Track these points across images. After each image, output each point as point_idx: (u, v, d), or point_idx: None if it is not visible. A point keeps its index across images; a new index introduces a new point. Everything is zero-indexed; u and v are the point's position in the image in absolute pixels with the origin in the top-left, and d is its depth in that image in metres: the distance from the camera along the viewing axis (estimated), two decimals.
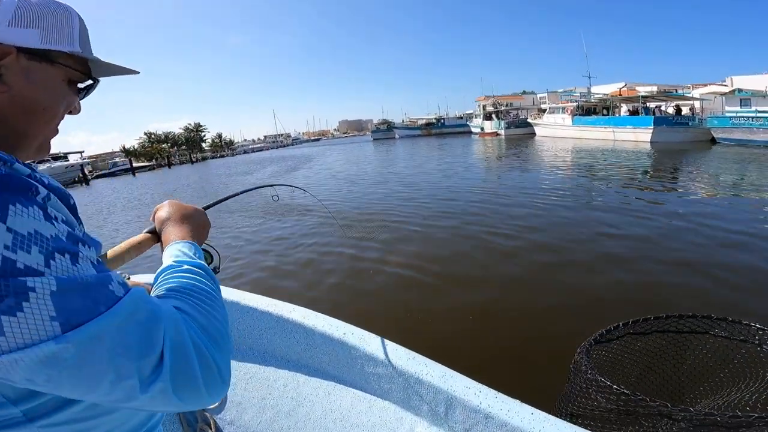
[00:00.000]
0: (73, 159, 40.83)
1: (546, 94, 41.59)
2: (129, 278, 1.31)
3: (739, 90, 19.59)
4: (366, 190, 11.70)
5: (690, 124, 19.86)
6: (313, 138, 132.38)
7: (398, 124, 67.42)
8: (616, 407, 1.29)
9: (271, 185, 1.58)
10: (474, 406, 1.19)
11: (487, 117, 43.19)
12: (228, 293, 1.76)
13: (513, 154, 20.07)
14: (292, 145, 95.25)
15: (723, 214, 6.18)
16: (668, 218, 6.03)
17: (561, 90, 37.25)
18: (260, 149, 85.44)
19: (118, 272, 0.84)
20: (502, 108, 43.94)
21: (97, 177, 42.83)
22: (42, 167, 35.22)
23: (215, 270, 0.82)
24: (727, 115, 18.20)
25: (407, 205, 8.59)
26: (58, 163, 36.96)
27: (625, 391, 1.26)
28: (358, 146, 47.56)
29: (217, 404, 1.56)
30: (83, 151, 45.39)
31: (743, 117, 16.97)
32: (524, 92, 50.39)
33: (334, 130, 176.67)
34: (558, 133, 29.71)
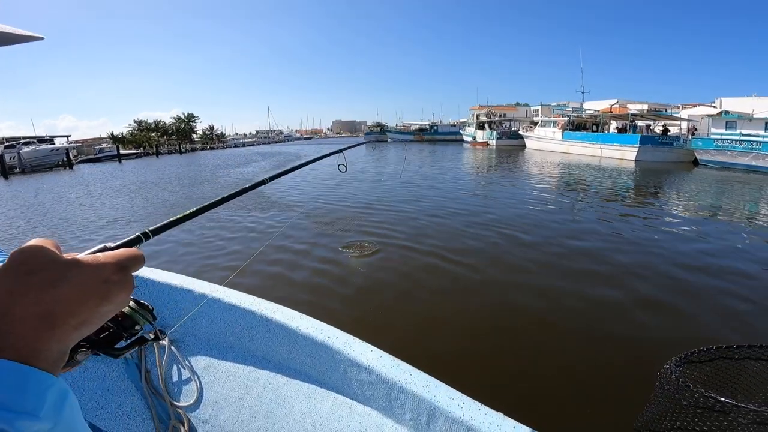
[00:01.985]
0: (59, 143, 40.05)
1: (539, 107, 42.18)
2: None
3: (726, 112, 20.05)
4: (359, 189, 11.72)
5: (675, 144, 20.35)
6: (305, 136, 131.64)
7: (391, 128, 67.66)
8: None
9: (341, 150, 1.43)
10: (456, 418, 1.17)
11: (480, 126, 43.62)
12: (210, 289, 1.71)
13: (503, 165, 20.28)
14: (284, 141, 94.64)
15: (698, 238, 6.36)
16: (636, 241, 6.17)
17: (554, 104, 37.82)
18: (251, 144, 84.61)
19: None
20: (496, 118, 44.40)
21: (82, 162, 42.00)
22: (26, 149, 34.45)
23: (156, 336, 0.54)
24: (712, 137, 18.61)
25: (400, 208, 8.67)
26: (43, 146, 36.26)
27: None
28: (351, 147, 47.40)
29: (192, 401, 1.56)
30: (70, 136, 44.59)
31: (727, 140, 17.37)
32: (518, 104, 51.11)
33: (328, 129, 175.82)
34: (547, 146, 30.13)
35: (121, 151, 47.51)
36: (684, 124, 22.35)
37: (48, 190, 17.13)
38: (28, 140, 38.21)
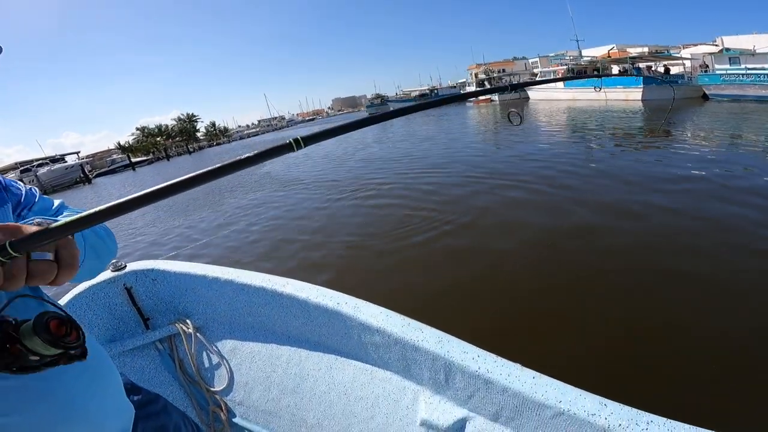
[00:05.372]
0: (71, 160, 41.03)
1: (538, 59, 40.92)
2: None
3: (727, 49, 19.64)
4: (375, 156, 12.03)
5: (679, 82, 19.97)
6: (308, 118, 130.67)
7: (392, 97, 66.58)
8: None
9: (521, 85, 1.04)
10: (473, 372, 1.15)
11: (480, 84, 42.76)
12: (221, 272, 1.72)
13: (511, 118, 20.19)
14: (288, 126, 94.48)
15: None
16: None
17: (552, 54, 36.68)
18: (255, 134, 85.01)
19: None
20: (494, 75, 43.48)
21: (98, 176, 43.10)
22: (42, 171, 35.49)
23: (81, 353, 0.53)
24: (717, 72, 18.29)
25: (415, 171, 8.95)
26: (57, 166, 37.20)
27: None
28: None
29: (225, 385, 1.65)
30: (79, 152, 45.53)
31: (733, 74, 17.08)
32: (515, 58, 49.59)
33: (329, 108, 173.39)
34: (551, 95, 29.65)
35: (133, 160, 48.60)
36: (688, 63, 21.88)
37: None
38: (41, 162, 39.15)
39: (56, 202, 0.82)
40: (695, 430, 0.87)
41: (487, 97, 38.89)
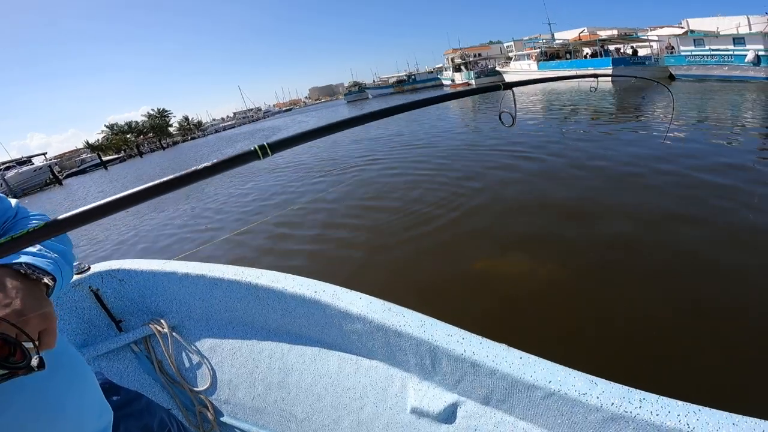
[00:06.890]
0: (38, 161, 39.55)
1: (512, 43, 41.30)
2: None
3: (692, 31, 20.36)
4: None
5: (647, 63, 20.87)
6: (284, 109, 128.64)
7: (370, 84, 66.32)
8: None
9: (595, 76, 1.27)
10: (459, 355, 1.11)
11: (457, 69, 43.15)
12: (192, 267, 1.65)
13: (487, 100, 20.51)
14: (264, 118, 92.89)
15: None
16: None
17: (526, 38, 37.05)
18: (232, 126, 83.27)
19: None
20: (470, 59, 43.80)
21: (68, 176, 41.66)
22: (10, 174, 34.14)
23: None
24: (683, 54, 18.98)
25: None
26: (25, 168, 35.83)
27: None
28: (333, 110, 47.03)
29: (208, 384, 1.59)
30: (46, 153, 43.84)
31: (697, 55, 17.89)
32: (491, 42, 49.86)
33: (306, 98, 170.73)
34: (525, 78, 30.10)
35: (104, 158, 47.18)
36: (655, 45, 22.64)
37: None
38: (8, 165, 37.67)
39: (13, 202, 0.80)
40: (687, 406, 0.87)
41: (465, 80, 39.26)
